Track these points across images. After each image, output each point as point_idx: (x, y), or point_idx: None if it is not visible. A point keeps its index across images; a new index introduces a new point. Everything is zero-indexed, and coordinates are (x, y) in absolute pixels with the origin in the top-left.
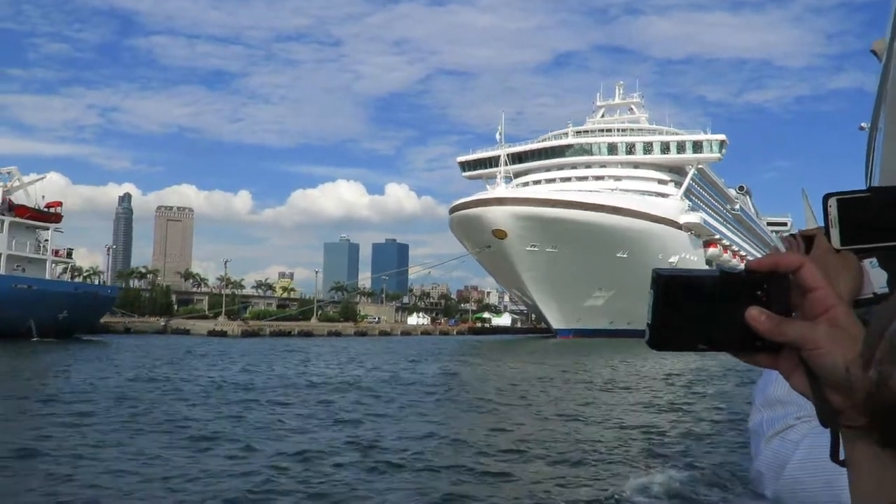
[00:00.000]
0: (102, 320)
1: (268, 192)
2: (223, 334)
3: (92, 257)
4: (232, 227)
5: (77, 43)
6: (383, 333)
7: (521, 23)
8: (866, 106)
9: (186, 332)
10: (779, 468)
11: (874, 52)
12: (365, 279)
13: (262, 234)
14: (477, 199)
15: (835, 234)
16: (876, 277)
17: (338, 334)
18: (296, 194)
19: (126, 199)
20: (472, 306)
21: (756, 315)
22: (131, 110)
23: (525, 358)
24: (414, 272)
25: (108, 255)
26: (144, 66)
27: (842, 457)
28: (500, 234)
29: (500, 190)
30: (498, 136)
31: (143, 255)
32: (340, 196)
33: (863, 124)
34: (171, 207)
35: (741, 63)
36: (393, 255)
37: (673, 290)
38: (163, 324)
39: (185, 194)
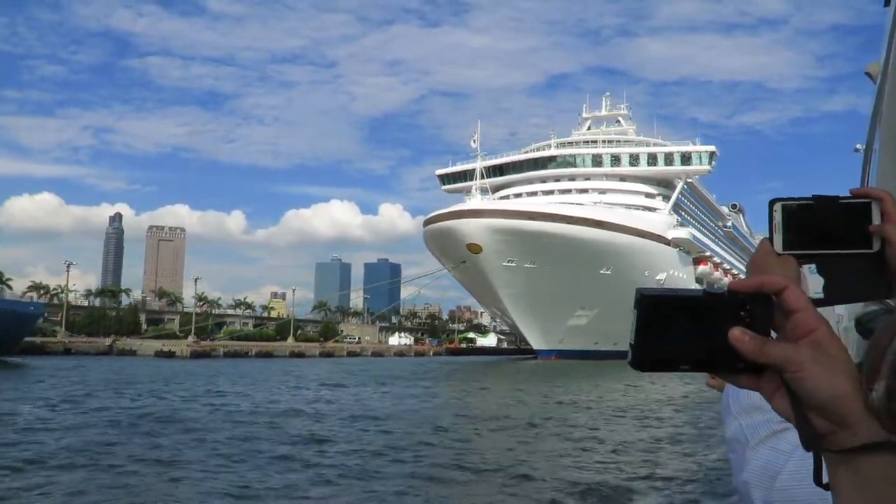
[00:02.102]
0: (40, 340)
1: (261, 212)
2: (171, 355)
3: (84, 278)
4: (226, 248)
5: (72, 64)
6: (352, 354)
7: (515, 44)
8: (859, 128)
9: (133, 353)
10: (770, 478)
11: (868, 75)
12: (357, 299)
13: (256, 254)
14: (451, 211)
15: (777, 238)
16: (813, 283)
17: (301, 355)
18: (289, 214)
19: (117, 218)
20: (459, 326)
21: (739, 336)
22: (126, 131)
23: (482, 382)
24: (406, 293)
25: (68, 271)
26: (139, 87)
27: (825, 480)
28: (474, 249)
29: (475, 201)
30: (472, 143)
31: (135, 275)
32: (334, 216)
33: (858, 146)
34: (162, 227)
35: (734, 85)
36: (385, 275)
37: (656, 310)
38: (108, 344)
39: (178, 214)
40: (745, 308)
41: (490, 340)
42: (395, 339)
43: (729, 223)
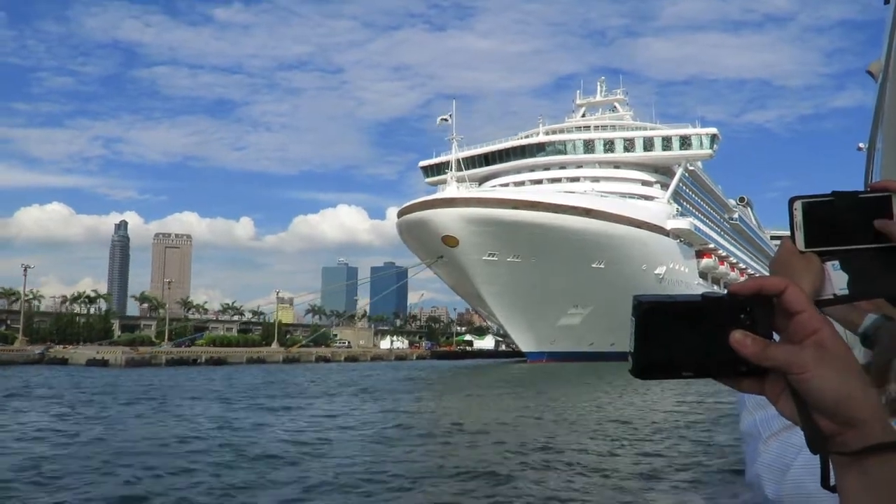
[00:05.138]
0: None
1: (270, 218)
2: (104, 364)
3: (97, 286)
4: (235, 254)
5: (81, 76)
6: (321, 359)
7: (520, 46)
8: (868, 124)
9: (65, 361)
10: (780, 471)
11: (870, 74)
12: (362, 303)
13: (265, 260)
14: (423, 201)
15: (799, 236)
16: (837, 279)
17: (261, 361)
18: (298, 220)
19: (122, 226)
20: (458, 328)
21: (741, 339)
22: (135, 141)
23: (410, 398)
24: (414, 297)
25: (25, 275)
26: (148, 97)
27: (832, 482)
28: (450, 242)
29: (451, 190)
30: (439, 122)
31: (143, 283)
32: (342, 221)
33: (861, 144)
34: (168, 234)
35: (741, 83)
36: (391, 279)
37: (654, 317)
38: (39, 352)
39: (187, 222)
40: (745, 311)
41: (487, 343)
42: (387, 343)
43: (735, 215)
